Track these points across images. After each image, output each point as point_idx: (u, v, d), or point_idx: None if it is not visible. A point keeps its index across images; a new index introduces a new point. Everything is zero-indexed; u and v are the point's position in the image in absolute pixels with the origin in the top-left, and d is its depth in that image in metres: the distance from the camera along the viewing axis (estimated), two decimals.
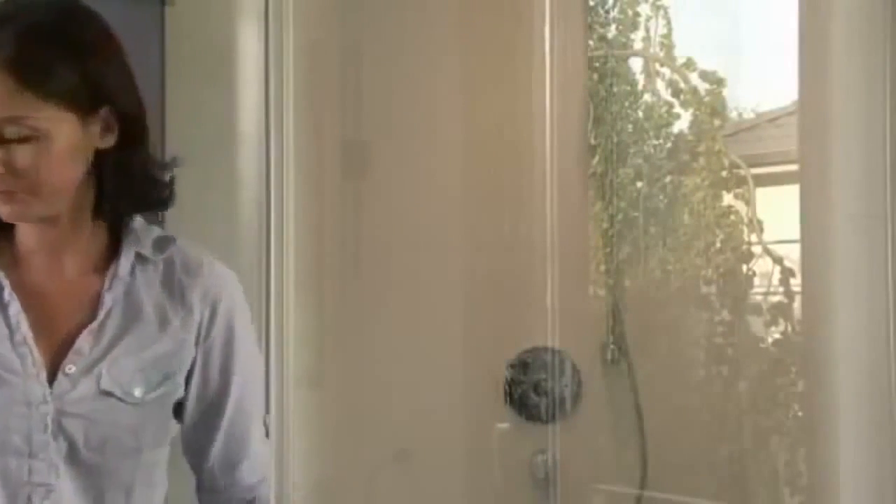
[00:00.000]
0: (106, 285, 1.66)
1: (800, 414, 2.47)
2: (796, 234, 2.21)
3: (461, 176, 2.42)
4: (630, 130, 2.74)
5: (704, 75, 2.72)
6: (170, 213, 2.13)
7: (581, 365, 2.44)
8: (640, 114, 2.79)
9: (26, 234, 1.64)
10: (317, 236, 2.20)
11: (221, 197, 1.80)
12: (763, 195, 2.69)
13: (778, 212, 2.61)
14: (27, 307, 1.60)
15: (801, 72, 2.11)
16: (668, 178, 2.75)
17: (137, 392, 1.63)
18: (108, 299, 1.65)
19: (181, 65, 2.15)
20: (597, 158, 2.66)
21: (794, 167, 2.32)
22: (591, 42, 2.72)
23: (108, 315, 1.64)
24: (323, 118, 2.21)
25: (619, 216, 2.65)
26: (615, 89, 2.71)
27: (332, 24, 2.27)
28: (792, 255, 2.51)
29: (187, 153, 2.17)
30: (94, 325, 1.63)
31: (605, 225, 2.65)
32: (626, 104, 2.76)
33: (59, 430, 1.57)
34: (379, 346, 2.01)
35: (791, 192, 2.25)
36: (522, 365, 2.46)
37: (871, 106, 1.92)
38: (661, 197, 2.74)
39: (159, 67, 2.12)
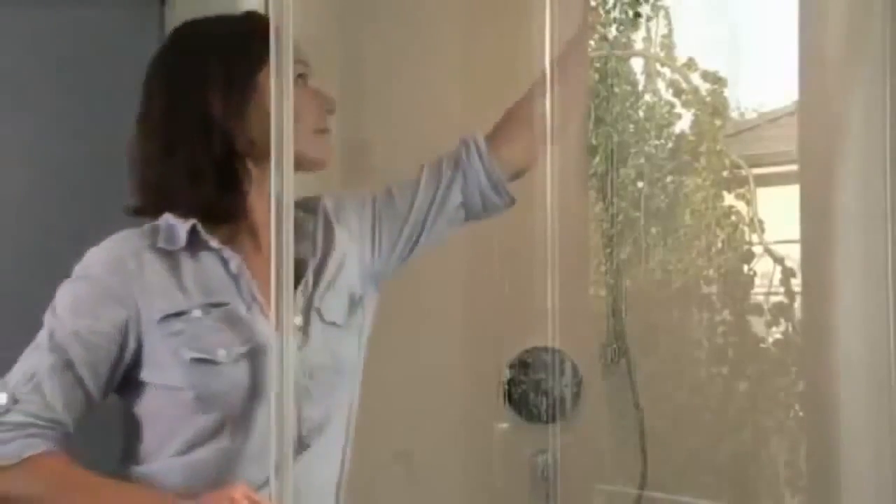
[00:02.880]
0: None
1: (800, 414, 2.47)
2: (797, 234, 2.21)
3: None
4: (631, 130, 2.74)
5: (705, 75, 2.72)
6: None
7: (581, 365, 2.44)
8: (641, 114, 2.78)
9: (264, 206, 1.65)
10: None
11: None
12: (764, 195, 2.68)
13: (779, 212, 2.61)
14: (256, 275, 1.65)
15: (801, 72, 2.11)
16: (669, 179, 2.75)
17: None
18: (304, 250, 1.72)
19: None
20: (597, 158, 2.66)
21: (794, 167, 2.32)
22: (592, 42, 2.72)
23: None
24: None
25: (620, 216, 2.65)
26: (616, 89, 2.71)
27: (332, 24, 2.28)
28: (793, 254, 2.50)
29: None
30: (310, 267, 1.71)
31: (605, 225, 2.64)
32: (627, 104, 2.75)
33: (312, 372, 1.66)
34: (379, 347, 2.01)
35: (792, 192, 2.25)
36: (522, 365, 2.46)
37: (870, 106, 1.92)
38: (662, 197, 2.73)
39: None
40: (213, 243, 1.62)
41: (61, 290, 1.63)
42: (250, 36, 1.64)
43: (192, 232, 1.62)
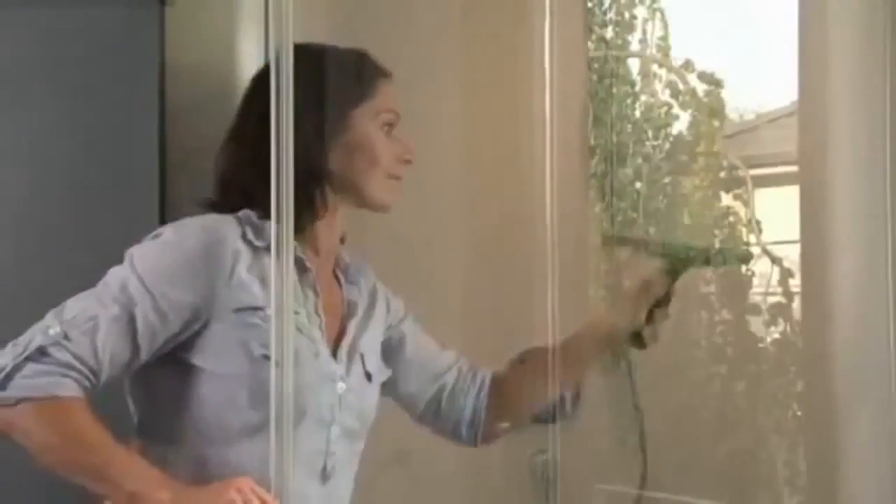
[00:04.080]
0: (343, 283, 1.82)
1: (799, 414, 2.47)
2: (795, 235, 2.22)
3: (462, 176, 2.42)
4: (629, 131, 2.73)
5: (703, 76, 2.72)
6: (171, 216, 2.13)
7: None
8: (639, 114, 2.78)
9: (329, 233, 1.77)
10: None
11: None
12: (762, 196, 2.68)
13: (777, 213, 2.61)
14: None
15: (801, 72, 2.12)
16: (667, 180, 2.74)
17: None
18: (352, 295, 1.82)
19: (181, 65, 2.15)
20: (596, 159, 2.66)
21: (792, 168, 2.32)
22: (590, 43, 2.72)
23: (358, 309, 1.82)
24: None
25: (619, 217, 2.65)
26: (614, 90, 2.71)
27: (332, 24, 2.28)
28: (791, 255, 2.51)
29: (188, 154, 2.17)
30: (359, 313, 1.80)
31: (605, 225, 2.64)
32: (626, 104, 2.75)
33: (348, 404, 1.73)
34: None
35: (790, 193, 2.25)
36: None
37: (871, 106, 1.92)
38: (660, 198, 2.73)
39: (159, 67, 2.12)
40: (300, 252, 1.67)
41: (145, 249, 1.64)
42: (354, 73, 1.74)
43: None
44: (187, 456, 1.62)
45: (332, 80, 1.70)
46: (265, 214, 1.64)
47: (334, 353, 1.71)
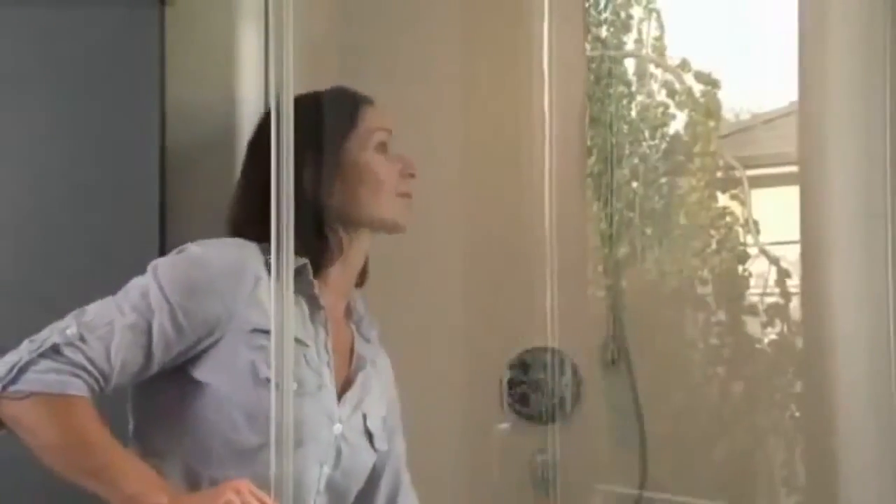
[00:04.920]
0: (355, 334, 1.82)
1: (797, 414, 2.48)
2: (793, 236, 2.22)
3: (461, 176, 2.42)
4: (626, 131, 2.74)
5: (699, 76, 2.72)
6: (170, 216, 2.12)
7: (581, 365, 2.45)
8: (635, 114, 2.79)
9: (341, 270, 1.78)
10: None
11: (221, 198, 1.80)
12: (759, 196, 2.69)
13: (774, 213, 2.62)
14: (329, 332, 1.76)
15: (800, 72, 2.12)
16: (663, 180, 2.75)
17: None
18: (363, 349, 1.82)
19: (181, 65, 2.14)
20: (593, 159, 2.66)
21: (789, 168, 2.33)
22: (587, 44, 2.72)
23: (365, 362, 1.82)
24: None
25: (616, 217, 2.65)
26: (611, 90, 2.71)
27: (332, 24, 2.28)
28: (788, 256, 2.51)
29: (187, 154, 2.17)
30: (368, 369, 1.80)
31: (603, 225, 2.64)
32: (622, 105, 2.76)
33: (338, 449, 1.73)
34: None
35: (787, 194, 2.26)
36: (522, 365, 2.46)
37: (870, 106, 1.93)
38: (656, 198, 2.73)
39: (159, 67, 2.12)
40: (315, 290, 1.68)
41: (169, 262, 1.66)
42: (334, 110, 1.76)
43: (299, 271, 1.65)
44: (179, 469, 1.62)
45: (315, 124, 1.72)
46: None
47: (339, 397, 1.71)
